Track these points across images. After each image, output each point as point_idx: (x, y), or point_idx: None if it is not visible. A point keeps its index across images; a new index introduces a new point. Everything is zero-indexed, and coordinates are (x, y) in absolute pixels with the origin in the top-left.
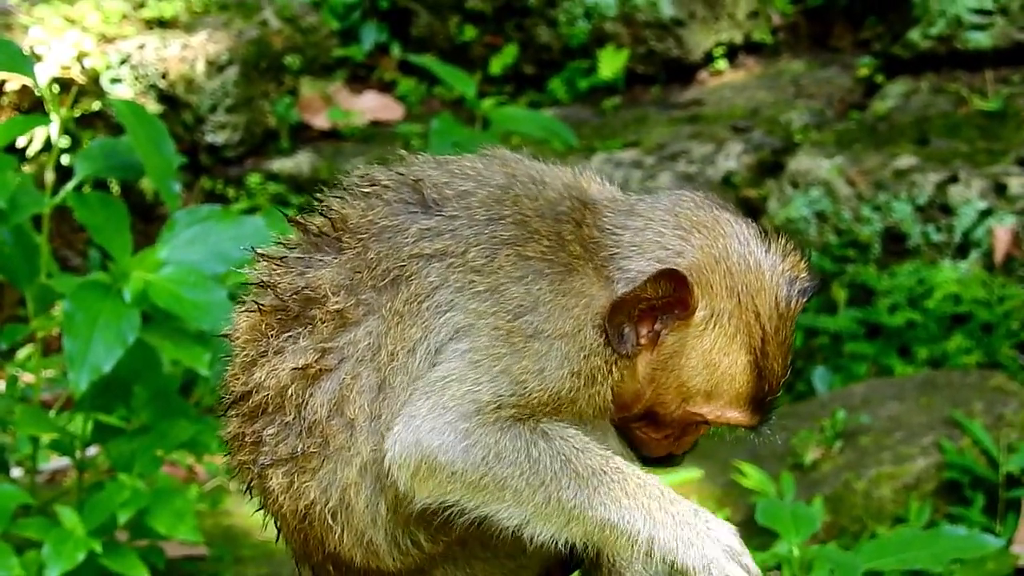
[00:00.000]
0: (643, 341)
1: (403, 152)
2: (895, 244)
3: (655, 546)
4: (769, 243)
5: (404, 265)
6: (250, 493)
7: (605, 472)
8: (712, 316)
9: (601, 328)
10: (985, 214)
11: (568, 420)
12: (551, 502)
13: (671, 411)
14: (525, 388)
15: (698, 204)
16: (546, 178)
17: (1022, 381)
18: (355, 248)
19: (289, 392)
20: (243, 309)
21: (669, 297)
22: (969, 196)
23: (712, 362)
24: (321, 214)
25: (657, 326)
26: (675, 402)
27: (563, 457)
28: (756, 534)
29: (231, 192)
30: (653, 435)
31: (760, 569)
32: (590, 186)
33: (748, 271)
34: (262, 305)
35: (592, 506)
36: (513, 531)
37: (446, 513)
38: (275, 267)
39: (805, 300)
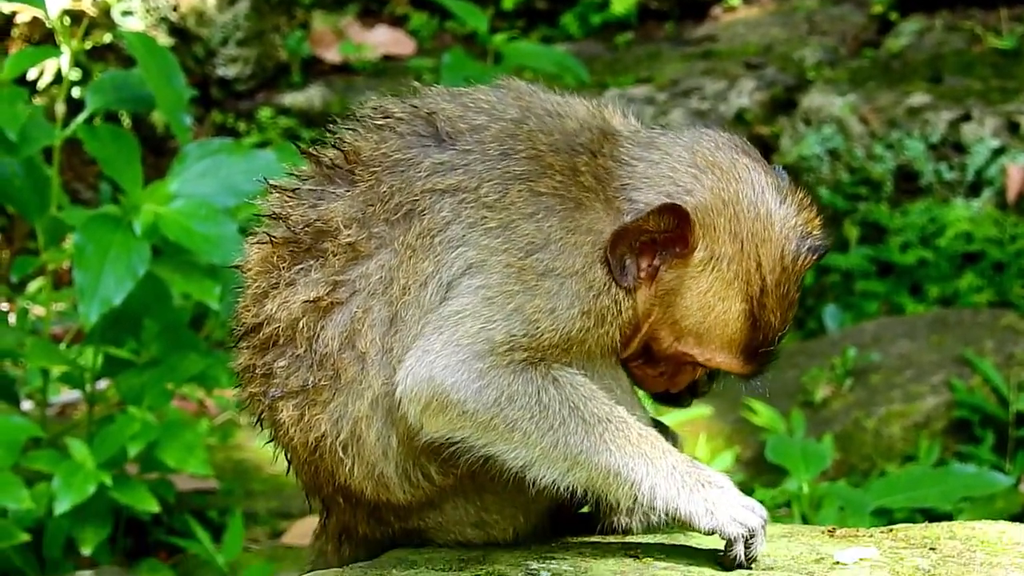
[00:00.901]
0: (643, 275)
1: (416, 84)
2: (907, 182)
3: (657, 495)
4: (785, 195)
5: (417, 199)
6: (260, 425)
7: (611, 421)
8: (711, 259)
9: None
10: (998, 152)
11: (577, 360)
12: (558, 446)
13: (664, 348)
14: (537, 328)
15: (718, 145)
16: (563, 110)
17: None
18: (368, 181)
19: (300, 324)
20: (255, 241)
21: (670, 232)
22: (982, 134)
23: (706, 304)
24: (334, 146)
25: (656, 261)
26: (668, 339)
27: (571, 404)
28: (766, 471)
29: (242, 126)
30: (648, 371)
31: (769, 506)
32: (613, 118)
33: (756, 219)
34: (274, 237)
35: (597, 452)
36: (516, 472)
37: (452, 448)
38: (287, 199)
39: (815, 258)
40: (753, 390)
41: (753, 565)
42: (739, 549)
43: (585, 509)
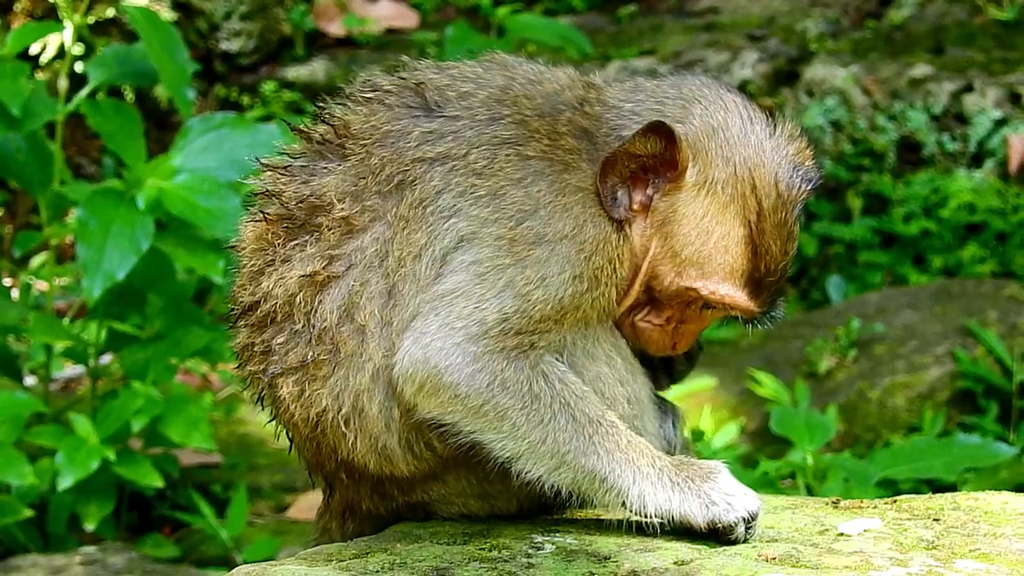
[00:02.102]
0: (636, 207)
1: (404, 59)
2: (910, 153)
3: (647, 501)
4: (775, 126)
5: (408, 169)
6: (262, 404)
7: (600, 423)
8: (706, 182)
9: (601, 224)
10: (1000, 123)
11: (575, 329)
12: (546, 442)
13: (666, 286)
14: (528, 300)
15: (704, 83)
16: (546, 75)
17: None
18: (359, 154)
19: (297, 300)
20: (249, 219)
21: (659, 156)
22: (984, 105)
23: (704, 230)
24: (324, 121)
25: (649, 190)
26: (669, 275)
27: (562, 399)
28: (770, 442)
29: (245, 100)
30: (655, 321)
31: (774, 477)
32: (595, 78)
33: (747, 145)
34: (268, 214)
35: (585, 453)
36: (503, 463)
37: (442, 430)
38: (280, 176)
39: (808, 188)
40: (763, 326)
41: (755, 538)
42: (740, 531)
43: None
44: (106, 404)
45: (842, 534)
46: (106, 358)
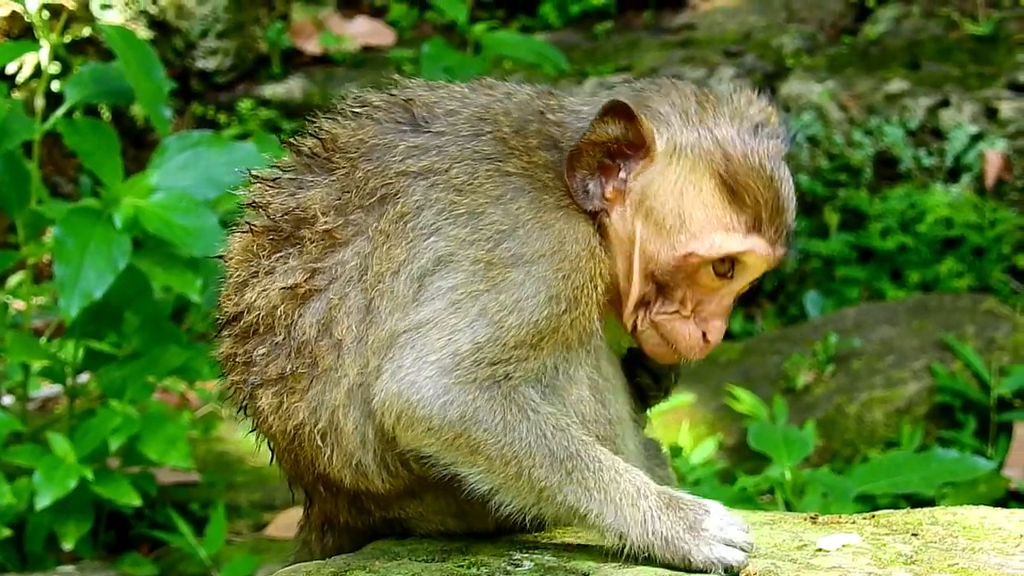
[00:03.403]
0: (609, 195)
1: (397, 76)
2: (887, 168)
3: (629, 542)
4: (733, 93)
5: (391, 183)
6: (244, 413)
7: (580, 457)
8: (674, 150)
9: (583, 240)
10: (976, 138)
11: (555, 354)
12: (522, 477)
13: (664, 263)
14: (502, 327)
15: (657, 79)
16: (518, 89)
17: (1013, 305)
18: (344, 168)
19: (279, 312)
20: (237, 230)
21: (624, 140)
22: (960, 120)
23: (679, 192)
24: (312, 135)
25: (622, 174)
26: (662, 250)
27: (539, 432)
28: (748, 458)
29: (222, 118)
30: (671, 310)
31: (752, 492)
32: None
33: (706, 113)
34: (254, 226)
35: (563, 491)
36: (484, 497)
37: (423, 462)
38: (268, 188)
39: (776, 142)
40: (786, 263)
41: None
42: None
43: None
44: (84, 423)
45: (821, 549)
46: (83, 377)
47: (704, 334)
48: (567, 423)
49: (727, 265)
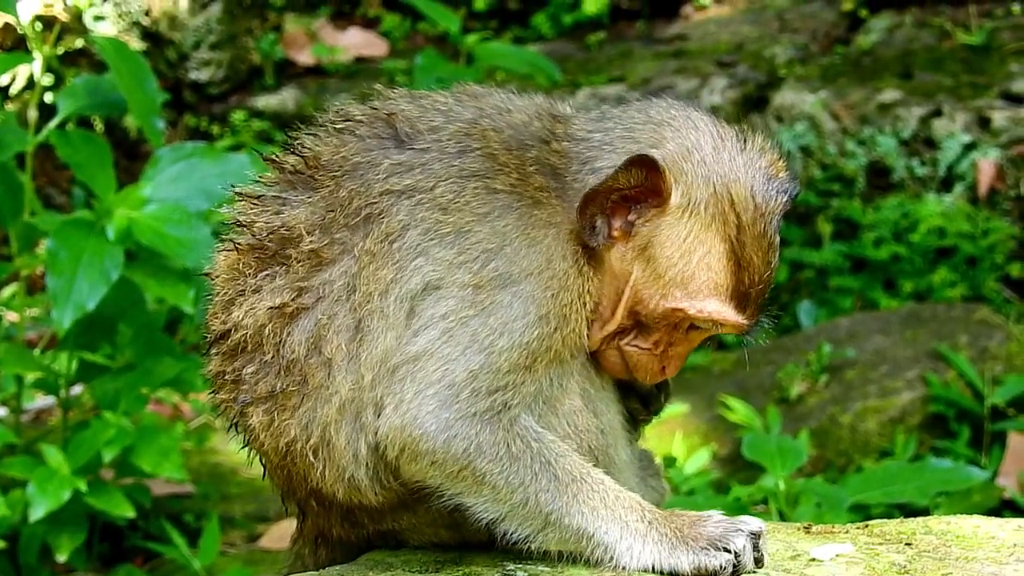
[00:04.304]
0: (616, 233)
1: (378, 87)
2: (880, 178)
3: (634, 557)
4: (746, 141)
5: (375, 202)
6: (236, 430)
7: (584, 480)
8: (689, 204)
9: (571, 257)
10: (969, 147)
11: (550, 372)
12: (528, 503)
13: (651, 309)
14: (492, 352)
15: (670, 104)
16: (513, 105)
17: (1006, 314)
18: (328, 186)
19: (267, 331)
20: (222, 248)
21: (642, 186)
22: (953, 130)
23: (688, 250)
24: (295, 152)
25: (631, 216)
26: (654, 298)
27: (542, 459)
28: (742, 468)
29: (215, 129)
30: (642, 346)
31: (746, 503)
32: (563, 106)
33: (722, 162)
34: (240, 244)
35: (570, 513)
36: (489, 525)
37: (427, 493)
38: (252, 206)
39: (786, 200)
40: (754, 340)
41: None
42: (727, 574)
43: None
44: (77, 435)
45: (814, 559)
46: (77, 389)
47: (664, 367)
48: (566, 448)
49: (709, 323)
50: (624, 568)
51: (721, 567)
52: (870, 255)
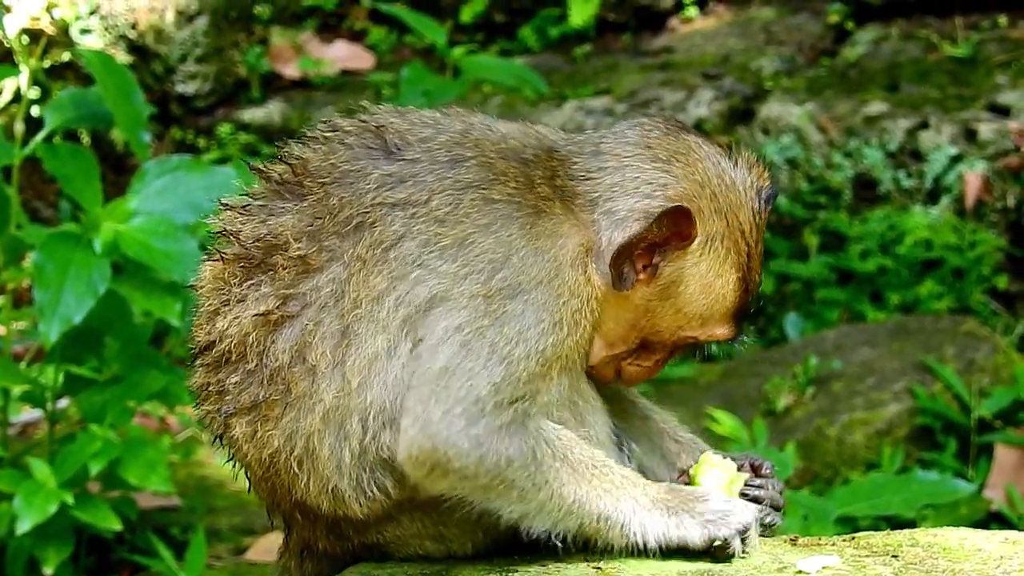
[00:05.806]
0: (641, 276)
1: (365, 103)
2: (866, 190)
3: (648, 531)
4: (735, 158)
5: (367, 212)
6: (220, 442)
7: (595, 465)
8: (707, 241)
9: (580, 266)
10: (955, 160)
11: (563, 377)
12: (552, 498)
13: (665, 338)
14: (512, 361)
15: (664, 131)
16: (501, 126)
17: (993, 326)
18: (317, 194)
19: (251, 339)
20: (208, 259)
21: (670, 232)
22: (939, 142)
23: (708, 285)
24: (282, 160)
25: (656, 259)
26: (670, 329)
27: (561, 455)
28: None
29: (202, 142)
30: (644, 364)
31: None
32: (545, 132)
33: (728, 190)
34: (225, 254)
35: (588, 499)
36: (512, 524)
37: (448, 503)
38: (238, 216)
39: (769, 207)
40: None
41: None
42: (736, 544)
43: None
44: (64, 448)
45: (800, 571)
46: (63, 402)
47: (650, 376)
48: (573, 437)
49: (712, 341)
50: (637, 541)
51: (729, 537)
52: (857, 267)
